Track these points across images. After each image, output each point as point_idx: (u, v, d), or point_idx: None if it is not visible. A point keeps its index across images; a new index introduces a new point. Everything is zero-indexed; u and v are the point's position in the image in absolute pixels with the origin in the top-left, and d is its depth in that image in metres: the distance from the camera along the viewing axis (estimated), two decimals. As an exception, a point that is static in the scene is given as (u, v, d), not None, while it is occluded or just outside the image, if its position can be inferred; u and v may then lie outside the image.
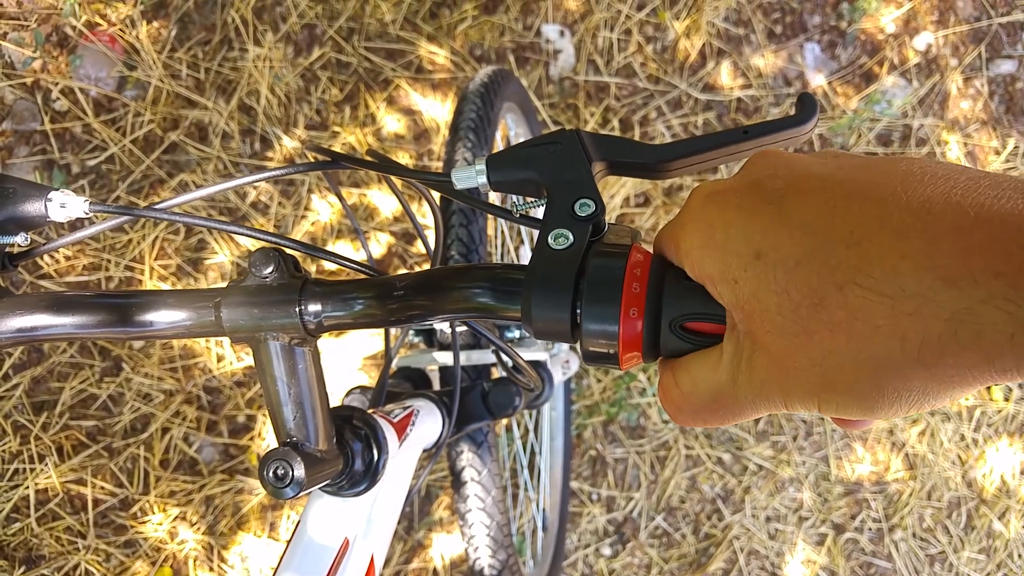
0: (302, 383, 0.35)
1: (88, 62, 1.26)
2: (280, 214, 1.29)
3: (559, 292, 0.26)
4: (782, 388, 0.22)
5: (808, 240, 0.20)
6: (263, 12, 1.34)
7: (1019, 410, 1.38)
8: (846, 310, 0.19)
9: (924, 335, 0.18)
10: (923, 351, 0.18)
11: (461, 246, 0.81)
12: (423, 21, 1.35)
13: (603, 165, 0.31)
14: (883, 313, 0.19)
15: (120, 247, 1.26)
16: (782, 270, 0.21)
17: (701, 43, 1.38)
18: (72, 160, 1.28)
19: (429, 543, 1.25)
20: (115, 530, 1.19)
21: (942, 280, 0.18)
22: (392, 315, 0.32)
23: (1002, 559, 1.35)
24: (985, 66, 1.41)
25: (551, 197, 0.29)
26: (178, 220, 0.35)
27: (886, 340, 0.19)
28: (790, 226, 0.21)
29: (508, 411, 0.68)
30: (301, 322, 0.32)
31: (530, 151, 0.31)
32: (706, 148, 0.30)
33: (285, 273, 0.33)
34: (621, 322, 0.25)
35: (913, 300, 0.18)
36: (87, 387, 1.22)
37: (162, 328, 0.34)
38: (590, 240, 0.27)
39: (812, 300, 0.20)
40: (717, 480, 1.32)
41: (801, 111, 0.30)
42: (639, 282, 0.26)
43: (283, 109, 1.32)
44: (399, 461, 0.51)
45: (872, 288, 0.19)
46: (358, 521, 0.45)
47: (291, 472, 0.33)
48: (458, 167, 0.33)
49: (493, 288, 0.29)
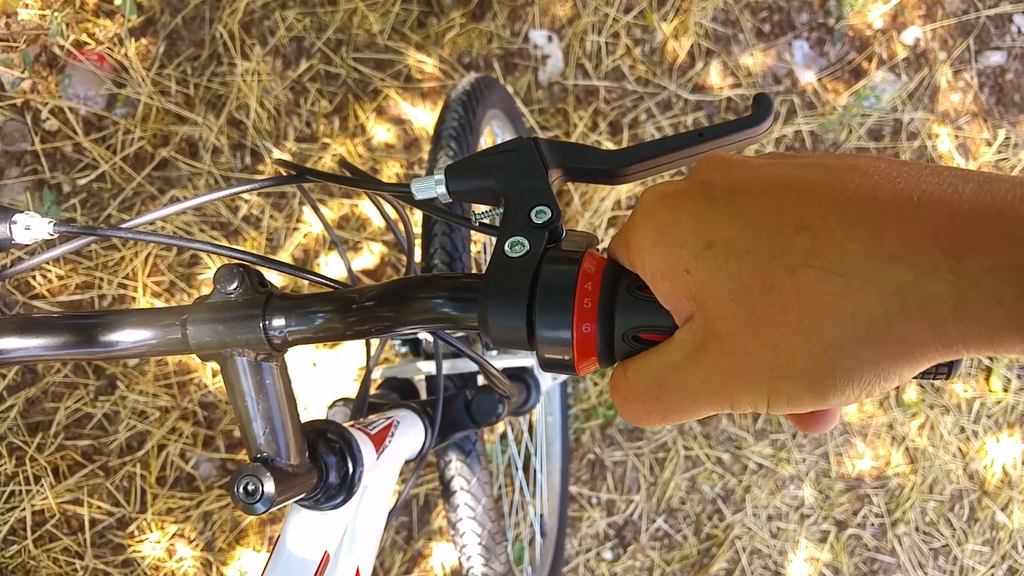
0: (271, 398, 0.35)
1: (77, 81, 1.26)
2: (272, 227, 1.30)
3: (514, 300, 0.26)
4: (734, 375, 0.21)
5: (758, 229, 0.21)
6: (251, 26, 1.34)
7: (1018, 400, 1.37)
8: (798, 293, 0.20)
9: (872, 311, 0.19)
10: (872, 327, 0.19)
11: (444, 255, 0.81)
12: (411, 31, 1.36)
13: (560, 172, 0.31)
14: (834, 292, 0.19)
15: (112, 265, 1.26)
16: (733, 258, 0.21)
17: (689, 44, 1.38)
18: (63, 179, 1.28)
19: (429, 552, 1.25)
20: (113, 549, 1.19)
21: (889, 258, 0.19)
22: (357, 327, 0.32)
23: (1006, 551, 1.34)
24: (974, 58, 1.41)
25: (508, 205, 0.29)
26: (140, 238, 0.35)
27: (837, 319, 0.19)
28: (741, 219, 0.21)
29: (492, 419, 0.68)
30: (266, 337, 0.32)
31: (488, 160, 0.31)
32: (663, 152, 0.30)
33: (249, 288, 0.33)
34: (574, 328, 0.25)
35: (862, 279, 0.19)
36: (82, 406, 1.22)
37: (128, 347, 0.34)
38: (546, 247, 0.27)
39: (764, 284, 0.20)
40: (717, 480, 1.32)
41: (757, 111, 0.29)
42: (592, 287, 0.25)
43: (273, 122, 1.32)
44: (379, 473, 0.51)
45: (823, 269, 0.19)
46: (338, 534, 0.45)
47: (261, 488, 0.33)
48: (418, 178, 0.33)
49: (451, 298, 0.29)
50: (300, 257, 1.30)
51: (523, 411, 0.84)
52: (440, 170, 0.31)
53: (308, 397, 1.26)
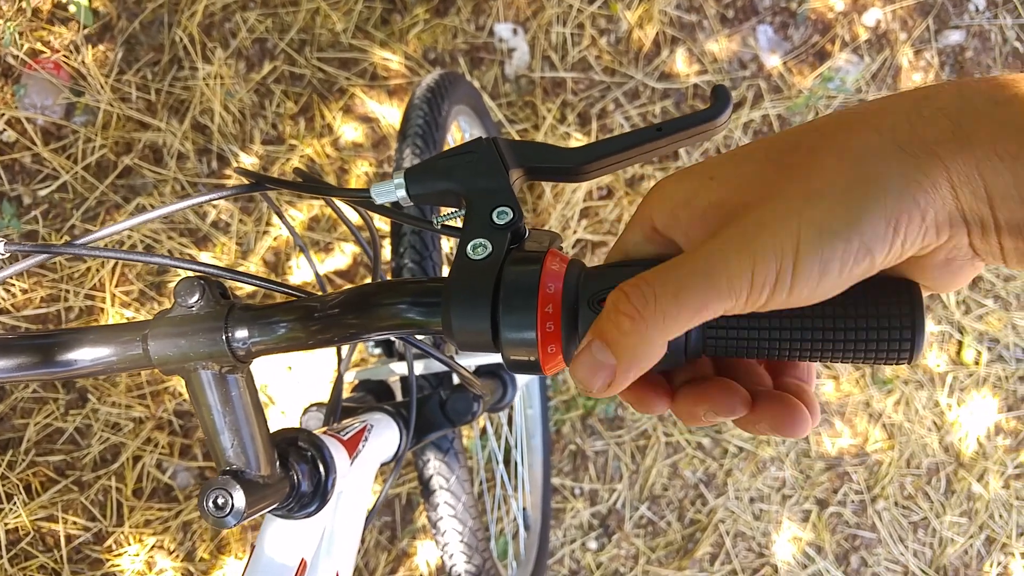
0: (237, 410, 0.34)
1: (33, 91, 1.24)
2: (242, 231, 1.28)
3: (477, 303, 0.25)
4: (759, 220, 0.21)
5: (772, 137, 0.24)
6: (212, 29, 1.32)
7: (989, 372, 1.40)
8: (822, 136, 0.22)
9: (894, 120, 0.21)
10: (896, 132, 0.21)
11: (414, 254, 0.81)
12: (374, 28, 1.35)
13: (521, 172, 0.30)
14: (855, 119, 0.22)
15: (79, 276, 1.24)
16: (760, 148, 0.24)
17: (655, 32, 1.38)
18: (23, 191, 1.25)
19: (414, 551, 1.24)
20: (90, 565, 1.17)
21: (900, 94, 0.22)
22: (321, 336, 0.31)
23: (984, 520, 1.37)
24: (934, 38, 1.43)
25: (470, 207, 0.29)
26: (96, 255, 0.34)
27: (863, 134, 0.21)
28: (762, 139, 0.24)
29: (467, 418, 0.68)
30: (229, 349, 0.32)
31: (447, 162, 0.30)
32: (622, 148, 0.29)
33: (211, 300, 0.33)
34: (538, 329, 0.25)
35: (880, 103, 0.22)
36: (52, 421, 1.20)
37: (87, 365, 0.33)
38: (509, 248, 0.27)
39: (791, 145, 0.23)
40: (698, 465, 1.33)
41: (715, 103, 0.29)
42: (554, 288, 0.25)
43: (238, 126, 1.30)
44: (354, 477, 0.50)
45: (846, 116, 0.22)
46: (314, 541, 0.44)
47: (231, 501, 0.33)
48: (377, 182, 0.33)
49: (415, 303, 0.29)
50: (271, 261, 1.29)
51: (500, 407, 0.84)
52: (400, 174, 0.31)
53: (285, 402, 1.24)
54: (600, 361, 0.23)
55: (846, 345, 0.24)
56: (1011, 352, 1.41)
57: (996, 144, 0.20)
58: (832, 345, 0.24)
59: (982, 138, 0.20)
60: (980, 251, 0.22)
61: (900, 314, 0.23)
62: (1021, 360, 1.42)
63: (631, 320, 0.22)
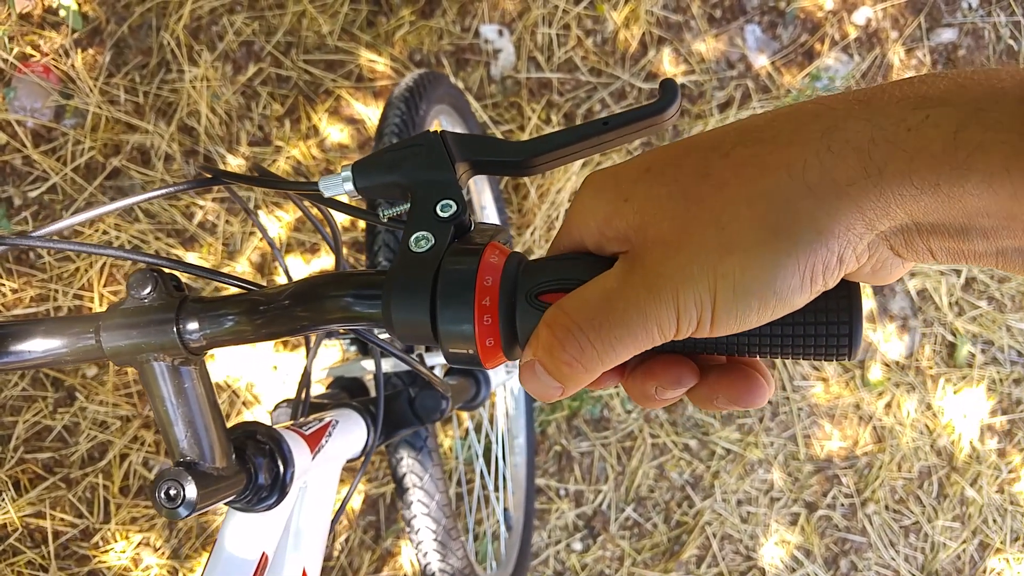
0: (191, 402, 0.35)
1: (23, 94, 1.25)
2: (228, 232, 1.29)
3: (416, 296, 0.26)
4: (678, 267, 0.22)
5: (689, 143, 0.24)
6: (199, 32, 1.33)
7: (982, 375, 1.38)
8: (733, 168, 0.22)
9: (804, 158, 0.21)
10: (806, 172, 0.21)
11: (388, 251, 0.81)
12: (360, 30, 1.35)
13: (467, 165, 0.30)
14: (766, 154, 0.21)
15: (68, 276, 1.25)
16: (670, 166, 0.23)
17: (641, 32, 1.38)
18: (13, 193, 1.27)
19: (398, 551, 1.24)
20: (78, 561, 1.19)
21: (811, 115, 0.21)
22: (270, 328, 0.32)
23: (977, 525, 1.35)
24: (926, 36, 1.42)
25: (414, 200, 0.29)
26: (49, 246, 0.35)
27: (773, 175, 0.21)
28: (674, 146, 0.24)
29: (436, 415, 0.68)
30: (180, 341, 0.32)
31: (394, 155, 0.31)
32: (570, 141, 0.29)
33: (164, 293, 0.33)
34: (476, 321, 0.25)
35: (788, 134, 0.21)
36: (41, 419, 1.21)
37: (39, 356, 0.34)
38: (452, 241, 0.27)
39: (701, 173, 0.22)
40: (685, 467, 1.32)
41: (663, 97, 0.29)
42: (492, 281, 0.25)
43: (225, 127, 1.31)
44: (318, 472, 0.51)
45: (755, 141, 0.22)
46: (275, 534, 0.45)
47: (183, 492, 0.33)
48: (325, 176, 0.33)
49: (358, 295, 0.29)
50: (257, 261, 1.29)
51: (473, 405, 0.83)
52: (347, 167, 0.31)
53: (270, 400, 1.25)
54: (546, 384, 0.25)
55: (784, 340, 0.24)
56: (1005, 354, 1.39)
57: (912, 176, 0.19)
58: (770, 341, 0.24)
59: (894, 172, 0.19)
60: (908, 257, 0.22)
61: (838, 312, 0.23)
62: (1016, 362, 1.39)
63: (569, 367, 0.24)
